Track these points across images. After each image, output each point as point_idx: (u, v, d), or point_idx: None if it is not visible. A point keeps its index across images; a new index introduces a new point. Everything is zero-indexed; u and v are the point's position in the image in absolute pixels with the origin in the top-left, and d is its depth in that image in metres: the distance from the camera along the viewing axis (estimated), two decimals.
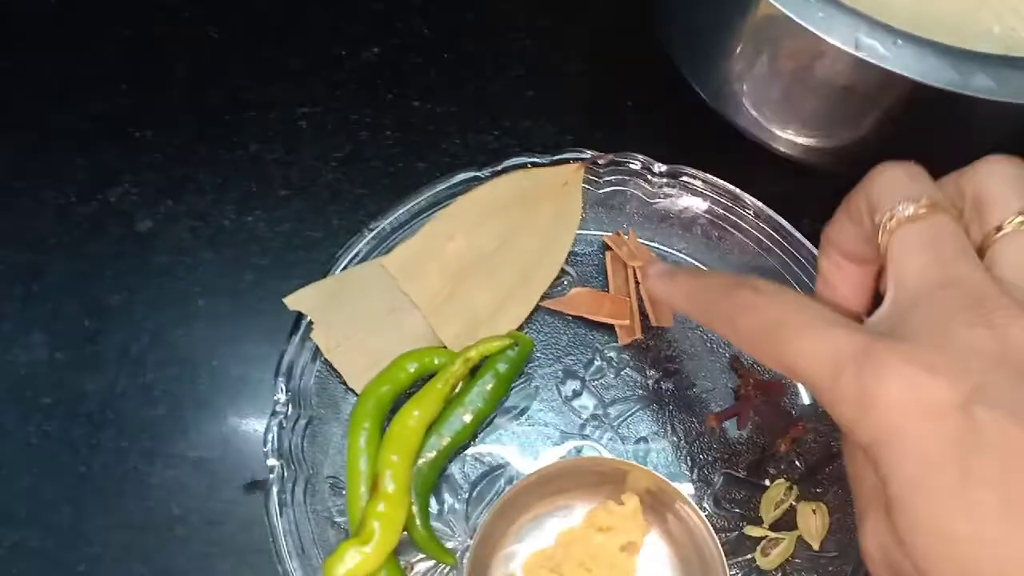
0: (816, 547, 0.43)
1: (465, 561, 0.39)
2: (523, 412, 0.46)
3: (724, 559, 0.40)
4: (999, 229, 0.29)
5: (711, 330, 0.34)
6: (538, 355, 0.47)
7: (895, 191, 0.30)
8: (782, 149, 0.48)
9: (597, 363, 0.47)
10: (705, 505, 0.45)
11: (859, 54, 0.37)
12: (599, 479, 0.43)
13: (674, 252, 0.49)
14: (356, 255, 0.47)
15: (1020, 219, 0.28)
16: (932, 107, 0.42)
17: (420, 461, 0.43)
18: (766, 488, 0.45)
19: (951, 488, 0.23)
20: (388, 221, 0.47)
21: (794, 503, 0.44)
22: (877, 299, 0.32)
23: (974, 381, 0.24)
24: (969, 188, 0.30)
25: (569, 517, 0.43)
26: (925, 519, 0.24)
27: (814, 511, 0.43)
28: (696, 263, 0.49)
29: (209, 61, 0.54)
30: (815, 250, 0.47)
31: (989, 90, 0.36)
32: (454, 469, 0.45)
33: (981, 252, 0.29)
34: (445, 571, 0.43)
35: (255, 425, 0.45)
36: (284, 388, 0.44)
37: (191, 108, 0.53)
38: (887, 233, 0.29)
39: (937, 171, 0.42)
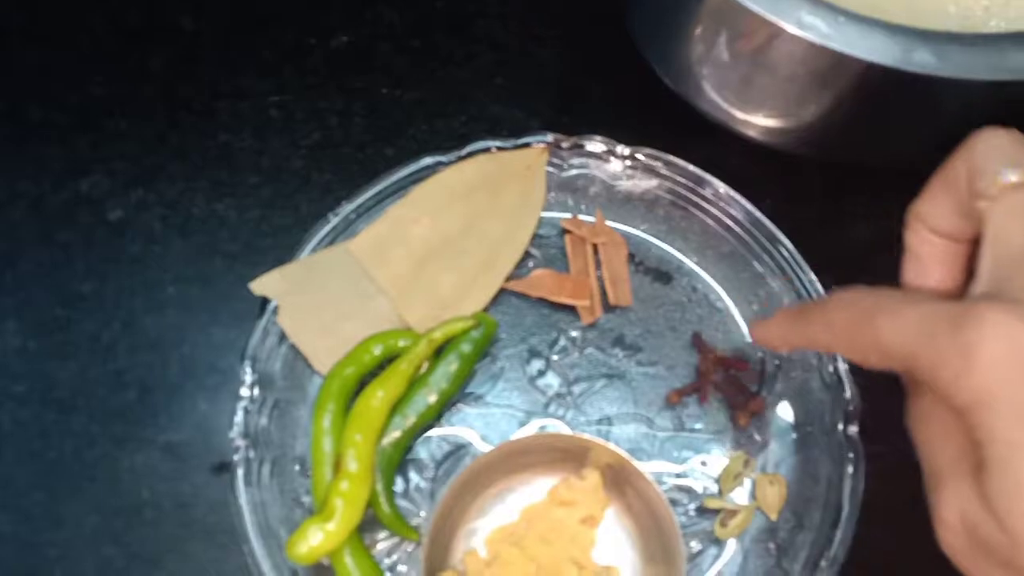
0: (774, 518, 0.44)
1: (423, 535, 0.40)
2: (488, 392, 0.47)
3: (680, 533, 0.40)
4: None
5: (817, 350, 0.35)
6: (503, 336, 0.48)
7: (999, 157, 0.29)
8: (744, 131, 0.49)
9: (561, 343, 0.48)
10: (666, 479, 0.45)
11: (803, 34, 0.37)
12: (562, 455, 0.44)
13: (638, 233, 0.50)
14: (322, 240, 0.47)
15: None
16: (885, 86, 0.43)
17: (384, 441, 0.44)
18: (725, 462, 0.45)
19: None
20: (353, 206, 0.48)
21: (752, 476, 0.45)
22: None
23: None
24: None
25: (532, 493, 0.44)
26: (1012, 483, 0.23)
27: (771, 483, 0.44)
28: (660, 243, 0.50)
29: (182, 52, 0.54)
30: (776, 231, 0.48)
31: (931, 66, 0.37)
32: (420, 449, 0.46)
33: None
34: (409, 548, 0.44)
35: (225, 409, 0.45)
36: (251, 371, 0.44)
37: (164, 99, 0.53)
38: (989, 200, 0.29)
39: (908, 151, 0.42)
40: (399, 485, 0.45)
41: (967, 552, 0.26)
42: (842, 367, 0.45)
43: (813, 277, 0.47)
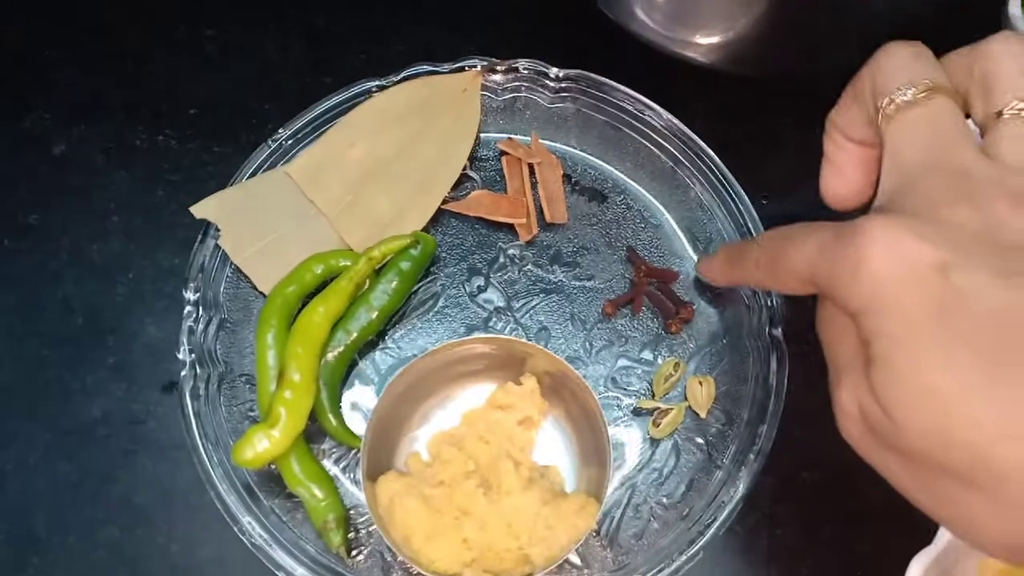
0: (703, 415, 0.46)
1: (363, 440, 0.42)
2: (430, 309, 0.49)
3: (609, 438, 0.42)
4: (1000, 113, 0.29)
5: (754, 286, 0.40)
6: (443, 255, 0.49)
7: (897, 74, 0.30)
8: (675, 50, 0.50)
9: (500, 260, 0.50)
10: (603, 386, 0.47)
11: None
12: (501, 365, 0.45)
13: (574, 151, 0.51)
14: (261, 165, 0.49)
15: (1021, 104, 0.29)
16: None
17: (328, 354, 0.45)
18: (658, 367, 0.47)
19: (930, 344, 0.25)
20: (290, 132, 0.49)
21: (683, 379, 0.47)
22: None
23: (953, 249, 0.25)
24: (977, 67, 0.30)
25: (473, 400, 0.46)
26: (905, 373, 0.25)
27: (701, 383, 0.46)
28: (594, 162, 0.51)
29: None
30: (706, 147, 0.50)
31: None
32: (365, 363, 0.47)
33: (984, 132, 0.30)
34: (356, 455, 0.45)
35: (172, 333, 0.46)
36: (193, 290, 0.46)
37: (100, 35, 0.54)
38: (886, 118, 0.30)
39: (835, 58, 0.44)
40: (345, 398, 0.46)
41: (862, 438, 0.29)
42: None
43: (741, 191, 0.49)
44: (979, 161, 0.28)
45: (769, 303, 0.47)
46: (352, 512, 0.44)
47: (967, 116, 0.31)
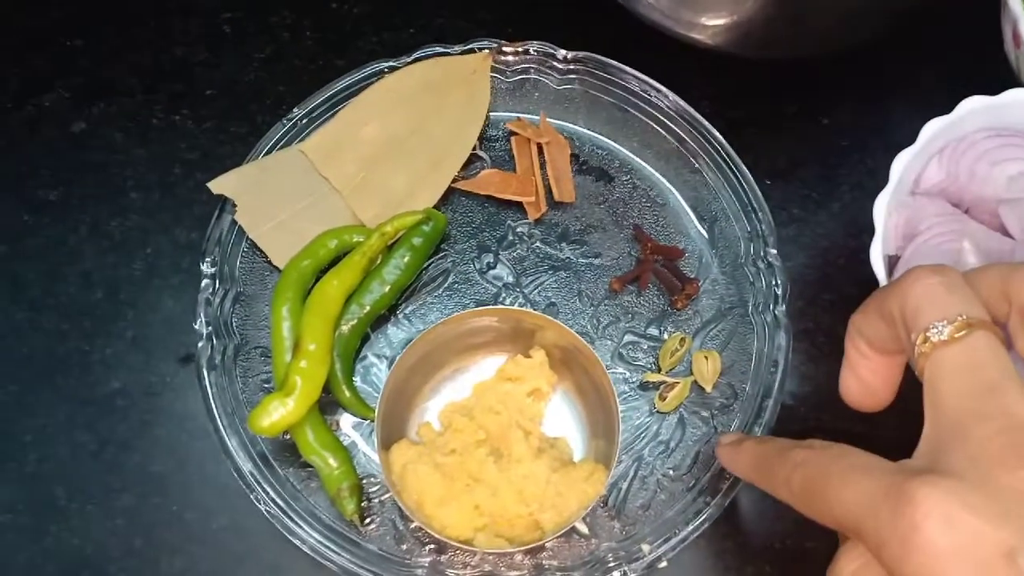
0: (708, 389, 0.47)
1: (376, 411, 0.43)
2: (441, 285, 0.49)
3: (619, 411, 0.43)
4: None
5: (777, 497, 0.33)
6: (453, 232, 0.50)
7: (931, 308, 0.28)
8: (681, 32, 0.51)
9: (509, 238, 0.51)
10: (610, 361, 0.48)
11: None
12: (511, 338, 0.46)
13: (582, 130, 0.52)
14: (276, 143, 0.50)
15: None
16: None
17: (342, 327, 0.46)
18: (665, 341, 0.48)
19: None
20: (305, 111, 0.50)
21: (689, 352, 0.48)
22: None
23: (1019, 528, 0.23)
24: (1015, 291, 0.29)
25: (483, 373, 0.47)
26: None
27: (706, 358, 0.47)
28: (604, 139, 0.52)
29: None
30: (712, 129, 0.51)
31: None
32: (377, 337, 0.48)
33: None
34: (369, 426, 0.46)
35: (189, 306, 0.47)
36: (210, 264, 0.47)
37: (118, 18, 0.55)
38: (923, 356, 0.28)
39: (841, 40, 0.44)
40: (359, 371, 0.47)
41: None
42: (772, 252, 0.48)
43: (746, 171, 0.50)
44: None
45: (774, 282, 0.47)
46: (365, 481, 0.45)
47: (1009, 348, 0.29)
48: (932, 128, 0.44)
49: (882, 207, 0.43)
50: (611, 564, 0.42)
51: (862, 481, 0.26)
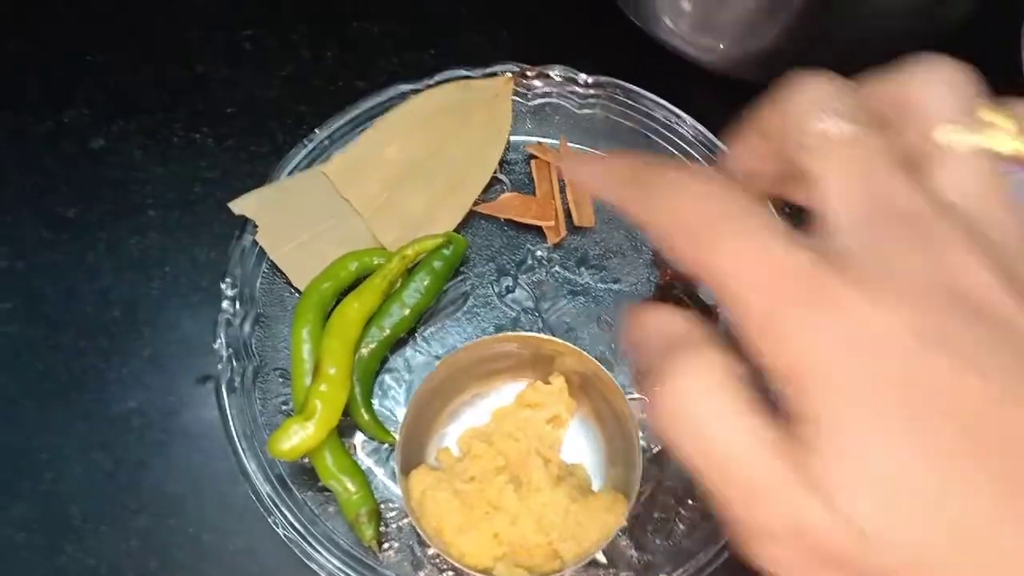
0: None
1: (397, 435, 0.43)
2: (460, 308, 0.49)
3: (639, 441, 0.43)
4: (934, 143, 0.26)
5: (624, 213, 0.27)
6: (472, 256, 0.50)
7: (819, 107, 0.26)
8: (701, 58, 0.51)
9: (528, 262, 0.50)
10: (628, 388, 0.48)
11: None
12: (531, 364, 0.46)
13: (601, 154, 0.52)
14: (298, 164, 0.50)
15: (954, 132, 0.26)
16: (834, 4, 0.45)
17: (362, 350, 0.46)
18: None
19: (885, 425, 0.21)
20: (328, 132, 0.50)
21: None
22: None
23: (910, 312, 0.22)
24: (901, 94, 0.27)
25: (502, 399, 0.46)
26: (854, 452, 0.21)
27: None
28: None
29: None
30: None
31: None
32: (396, 360, 0.48)
33: (915, 167, 0.26)
34: (387, 450, 0.46)
35: (207, 326, 0.47)
36: (231, 286, 0.46)
37: (139, 34, 0.55)
38: (810, 154, 0.26)
39: (860, 67, 0.44)
40: (377, 393, 0.47)
41: (799, 566, 0.23)
42: None
43: (767, 200, 0.50)
44: (924, 198, 0.24)
45: None
46: (382, 506, 0.45)
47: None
48: None
49: None
50: None
51: (755, 247, 0.23)
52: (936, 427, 0.21)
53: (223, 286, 0.46)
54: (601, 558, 0.44)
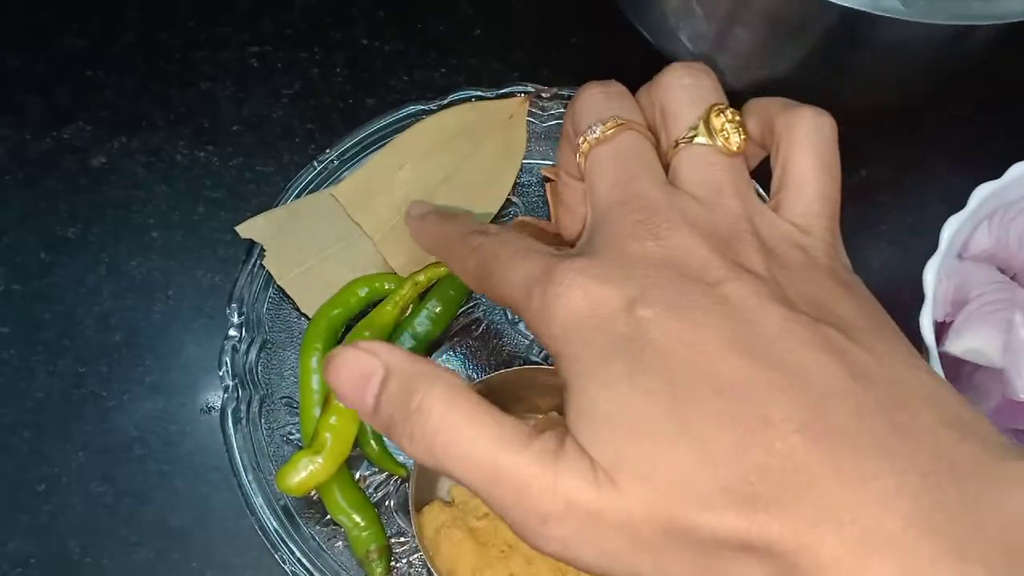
0: None
1: (410, 469, 0.41)
2: (472, 335, 0.48)
3: None
4: (677, 143, 0.30)
5: (456, 274, 0.35)
6: None
7: (589, 113, 0.31)
8: (726, 83, 0.50)
9: None
10: None
11: None
12: (550, 394, 0.45)
13: None
14: (306, 186, 0.48)
15: (693, 133, 0.30)
16: (854, 35, 0.44)
17: None
18: None
19: (620, 376, 0.24)
20: (337, 153, 0.49)
21: None
22: None
23: (638, 285, 0.26)
24: (656, 100, 0.32)
25: None
26: (596, 403, 0.24)
27: None
28: None
29: (159, 3, 0.54)
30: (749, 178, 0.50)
31: (897, 11, 0.39)
32: None
33: (667, 162, 0.30)
34: (397, 483, 0.45)
35: (211, 352, 0.46)
36: (237, 312, 0.45)
37: (143, 49, 0.53)
38: (582, 156, 0.31)
39: (878, 98, 0.43)
40: None
41: (579, 535, 0.24)
42: None
43: None
44: (662, 191, 0.29)
45: None
46: (392, 540, 0.43)
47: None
48: (982, 193, 0.44)
49: (932, 273, 0.42)
50: None
51: (524, 264, 0.28)
52: (646, 370, 0.24)
53: (229, 312, 0.45)
54: None
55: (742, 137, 0.30)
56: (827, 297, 0.27)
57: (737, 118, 0.30)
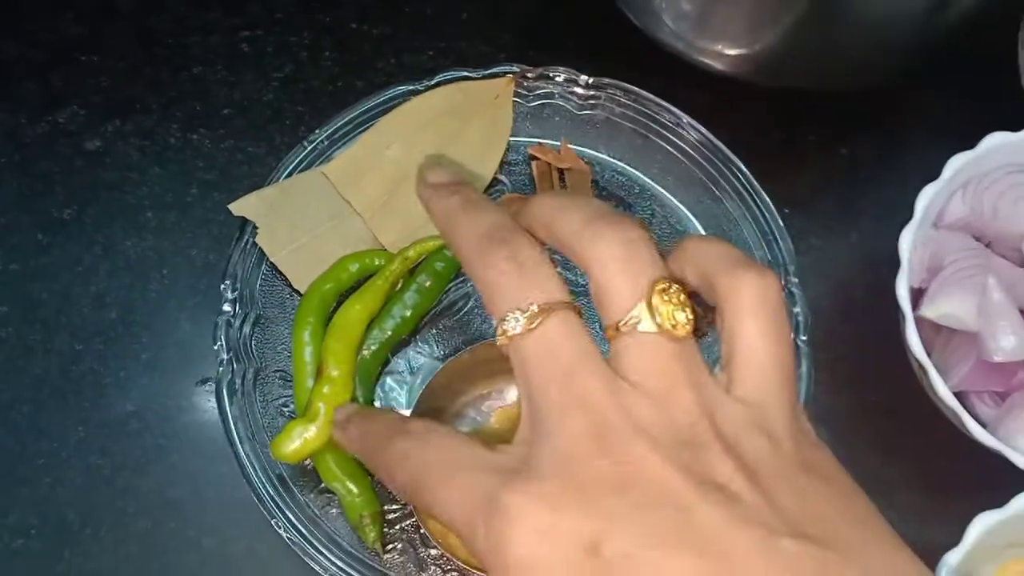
0: None
1: None
2: (461, 309, 0.49)
3: None
4: (619, 327, 0.27)
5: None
6: None
7: (502, 299, 0.28)
8: (703, 61, 0.51)
9: None
10: None
11: None
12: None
13: (602, 156, 0.52)
14: (297, 165, 0.49)
15: (635, 319, 0.27)
16: (835, 11, 0.45)
17: (363, 352, 0.46)
18: None
19: None
20: (327, 133, 0.49)
21: None
22: None
23: (599, 520, 0.24)
24: (589, 271, 0.28)
25: (505, 400, 0.46)
26: None
27: None
28: (624, 166, 0.52)
29: None
30: (732, 156, 0.51)
31: None
32: (398, 361, 0.48)
33: (609, 341, 0.28)
34: None
35: (206, 329, 0.46)
36: (231, 288, 0.46)
37: (135, 34, 0.54)
38: (505, 347, 0.28)
39: (861, 76, 0.44)
40: (379, 395, 0.47)
41: None
42: (793, 281, 0.48)
43: (767, 200, 0.50)
44: (607, 390, 0.26)
45: (795, 311, 0.47)
46: (384, 507, 0.44)
47: None
48: (956, 163, 0.45)
49: (907, 241, 0.43)
50: None
51: (460, 485, 0.26)
52: None
53: (223, 288, 0.46)
54: None
55: (689, 317, 0.27)
56: (801, 499, 0.25)
57: (682, 296, 0.27)
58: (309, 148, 0.49)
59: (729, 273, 0.28)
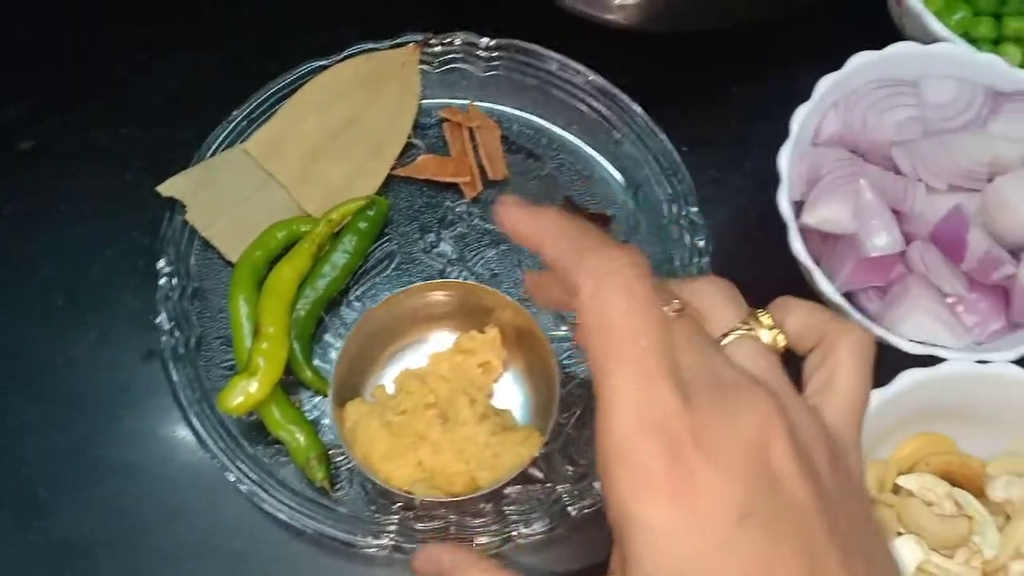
0: None
1: (331, 378, 0.46)
2: (388, 266, 0.52)
3: (558, 390, 0.46)
4: (729, 332, 0.31)
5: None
6: (396, 217, 0.53)
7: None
8: (601, 15, 0.54)
9: (449, 218, 0.54)
10: (552, 323, 0.51)
11: None
12: (471, 311, 0.49)
13: (510, 112, 0.56)
14: (220, 145, 0.52)
15: (748, 327, 0.31)
16: None
17: (298, 311, 0.49)
18: None
19: None
20: (245, 112, 0.53)
21: None
22: None
23: (745, 495, 0.26)
24: (694, 301, 0.31)
25: (440, 345, 0.49)
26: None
27: None
28: (531, 118, 0.56)
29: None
30: (630, 101, 0.54)
31: None
32: (333, 319, 0.51)
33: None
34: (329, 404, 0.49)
35: (148, 304, 0.49)
36: (167, 262, 0.49)
37: (57, 33, 0.57)
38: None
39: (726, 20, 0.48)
40: (317, 352, 0.50)
41: None
42: (693, 211, 0.52)
43: (664, 139, 0.54)
44: (738, 372, 0.29)
45: (697, 238, 0.51)
46: (331, 452, 0.47)
47: None
48: (826, 83, 0.49)
49: (785, 158, 0.47)
50: (566, 503, 0.46)
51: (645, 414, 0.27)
52: None
53: (160, 264, 0.49)
54: (538, 474, 0.47)
55: (774, 335, 0.31)
56: (854, 519, 0.28)
57: (768, 319, 0.32)
58: (230, 128, 0.52)
59: (838, 322, 0.32)
